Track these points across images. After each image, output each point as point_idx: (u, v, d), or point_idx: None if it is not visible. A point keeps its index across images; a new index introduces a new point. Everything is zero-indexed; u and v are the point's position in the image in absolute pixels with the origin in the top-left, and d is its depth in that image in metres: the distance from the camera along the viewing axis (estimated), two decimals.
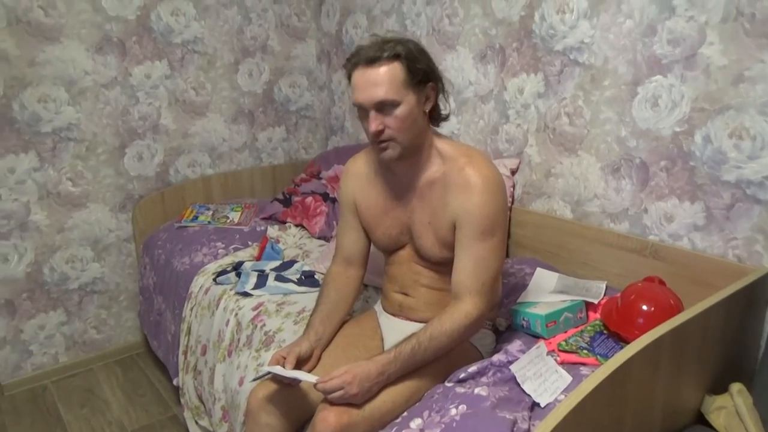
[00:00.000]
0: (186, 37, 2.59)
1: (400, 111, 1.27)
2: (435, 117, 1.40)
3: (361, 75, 1.27)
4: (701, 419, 1.30)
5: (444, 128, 1.45)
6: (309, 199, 2.44)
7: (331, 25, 2.90)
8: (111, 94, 2.44)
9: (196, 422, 1.97)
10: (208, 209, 2.56)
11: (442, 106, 1.40)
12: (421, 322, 1.39)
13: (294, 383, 1.32)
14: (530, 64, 1.96)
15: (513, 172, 2.04)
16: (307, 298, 1.78)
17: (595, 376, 0.99)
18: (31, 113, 2.26)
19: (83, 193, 2.44)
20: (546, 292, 1.65)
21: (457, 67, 2.22)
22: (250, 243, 2.29)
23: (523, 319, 1.49)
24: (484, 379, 1.25)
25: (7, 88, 2.20)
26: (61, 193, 2.39)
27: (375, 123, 1.27)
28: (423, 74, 1.29)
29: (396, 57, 1.25)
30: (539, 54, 1.92)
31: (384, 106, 1.26)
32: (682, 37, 1.55)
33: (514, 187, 2.05)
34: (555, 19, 1.85)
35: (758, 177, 1.45)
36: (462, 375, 1.27)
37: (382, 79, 1.24)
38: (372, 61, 1.25)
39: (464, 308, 1.30)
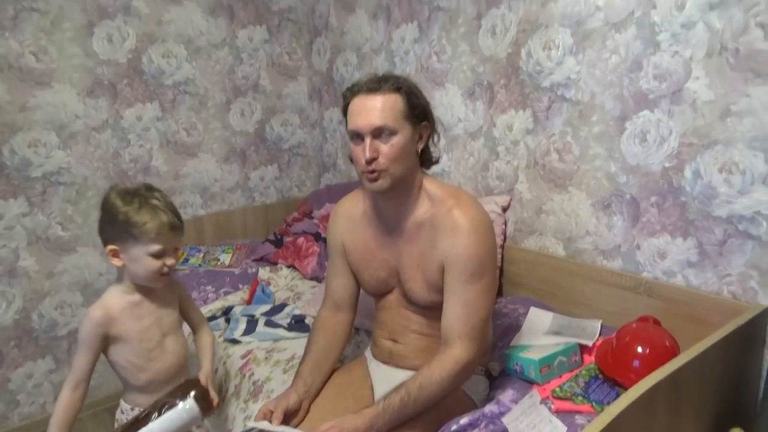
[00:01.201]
0: (177, 79, 2.61)
1: (396, 140, 1.26)
2: (426, 159, 1.39)
3: (361, 101, 1.28)
4: None
5: (435, 166, 1.45)
6: (301, 239, 2.42)
7: (322, 63, 2.92)
8: (102, 137, 2.44)
9: None
10: (199, 251, 2.53)
11: (433, 150, 1.40)
12: (411, 370, 1.35)
13: None
14: (518, 101, 1.96)
15: (504, 209, 2.02)
16: (297, 344, 1.74)
17: (589, 430, 0.95)
18: (21, 158, 2.26)
19: (73, 237, 2.42)
20: (540, 332, 1.62)
21: (446, 104, 2.22)
22: (240, 286, 2.26)
23: (516, 364, 1.45)
24: None
25: None
26: (50, 237, 2.37)
27: (370, 149, 1.25)
28: (421, 110, 1.31)
29: (398, 89, 1.28)
30: (527, 90, 1.92)
31: (381, 133, 1.26)
32: (668, 72, 1.55)
33: (505, 224, 2.03)
34: (541, 55, 1.86)
35: (750, 212, 1.42)
36: (453, 427, 1.22)
37: (383, 106, 1.25)
38: (373, 89, 1.27)
39: (454, 354, 1.26)
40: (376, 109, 1.25)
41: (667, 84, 1.55)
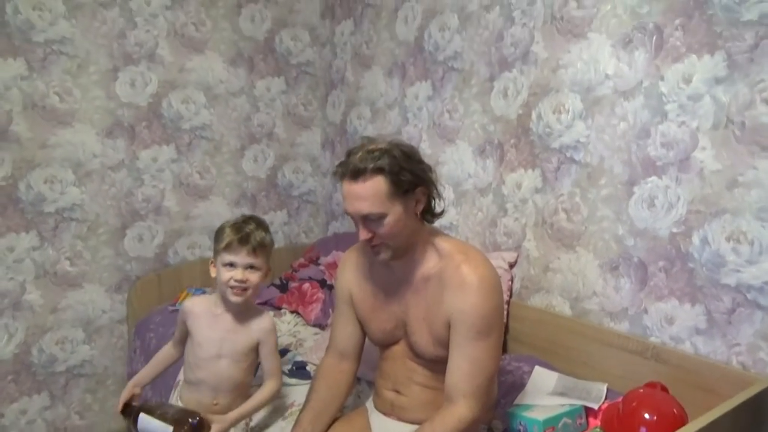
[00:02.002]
0: (195, 123, 2.68)
1: (387, 221, 1.27)
2: (429, 215, 1.40)
3: (348, 187, 1.28)
4: None
5: (443, 219, 1.46)
6: (306, 285, 2.42)
7: (336, 115, 3.00)
8: (117, 176, 2.49)
9: None
10: (204, 293, 2.53)
11: (435, 204, 1.41)
12: (413, 423, 1.34)
13: None
14: (528, 160, 2.00)
15: (511, 266, 2.03)
16: (298, 391, 1.71)
17: None
18: (36, 194, 2.30)
19: (80, 273, 2.43)
20: (544, 392, 1.60)
21: (457, 159, 2.27)
22: None
23: (520, 424, 1.42)
24: None
25: (15, 169, 2.25)
26: (58, 272, 2.38)
27: (363, 233, 1.29)
28: (408, 183, 1.28)
29: (380, 171, 1.24)
30: (536, 150, 1.97)
31: (370, 218, 1.27)
32: (675, 141, 1.59)
33: (512, 280, 2.03)
34: (551, 118, 1.91)
35: (758, 282, 1.43)
36: None
37: (366, 194, 1.25)
38: (356, 174, 1.25)
39: (458, 412, 1.25)
40: (360, 197, 1.26)
41: (675, 152, 1.59)
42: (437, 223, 1.46)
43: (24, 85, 2.24)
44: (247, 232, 1.50)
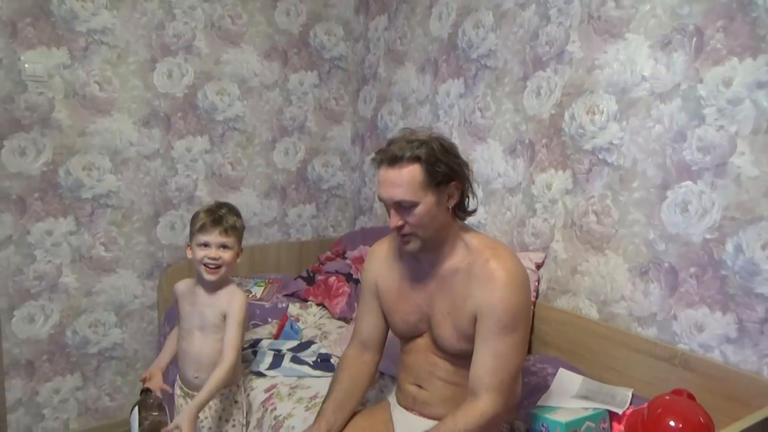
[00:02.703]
0: (228, 115, 2.72)
1: (418, 210, 1.29)
2: (461, 211, 1.41)
3: (384, 173, 1.31)
4: None
5: (471, 218, 1.46)
6: (332, 278, 2.44)
7: (368, 110, 3.01)
8: (152, 165, 2.55)
9: None
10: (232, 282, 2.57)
11: (468, 202, 1.41)
12: (435, 419, 1.34)
13: None
14: (559, 161, 1.98)
15: (538, 266, 2.02)
16: (321, 383, 1.74)
17: None
18: (74, 180, 2.37)
19: (114, 258, 2.50)
20: (569, 395, 1.59)
21: (487, 158, 2.26)
22: (269, 320, 2.29)
23: (543, 425, 1.42)
24: None
25: (56, 155, 2.32)
26: (93, 257, 2.45)
27: (394, 219, 1.31)
28: (443, 176, 1.31)
29: (416, 159, 1.28)
30: (568, 152, 1.95)
31: (402, 206, 1.29)
32: (712, 146, 1.56)
33: (539, 281, 2.02)
34: (585, 119, 1.89)
35: None
36: None
37: (401, 181, 1.28)
38: (394, 161, 1.29)
39: (480, 406, 1.25)
40: (395, 184, 1.29)
41: (711, 157, 1.56)
42: (466, 222, 1.46)
43: (66, 73, 2.31)
44: (219, 215, 1.65)
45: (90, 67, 2.36)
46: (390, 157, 1.30)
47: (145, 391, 1.59)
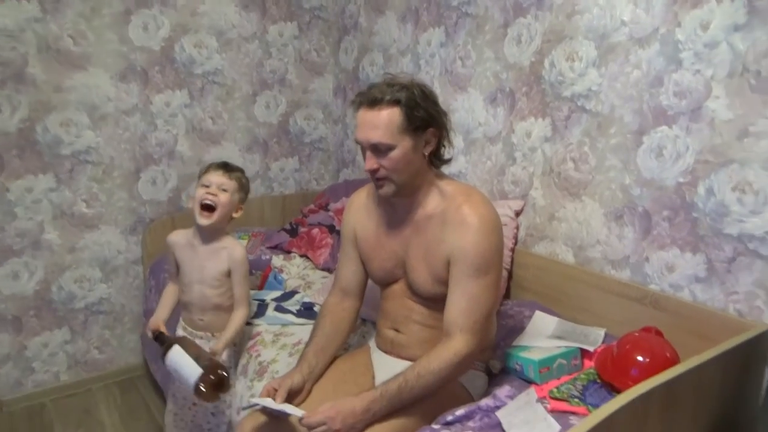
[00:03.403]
0: (207, 69, 2.68)
1: (394, 154, 1.30)
2: (436, 159, 1.42)
3: (362, 115, 1.32)
4: None
5: (452, 167, 1.48)
6: (315, 230, 2.46)
7: (349, 61, 2.97)
8: (131, 120, 2.52)
9: None
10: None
11: (444, 151, 1.42)
12: (412, 360, 1.38)
13: (282, 416, 1.32)
14: (538, 109, 1.99)
15: (517, 214, 2.05)
16: (305, 330, 1.77)
17: (579, 427, 0.97)
18: (53, 136, 2.34)
19: (96, 214, 2.50)
20: (543, 336, 1.64)
21: (468, 107, 2.26)
22: (253, 271, 2.31)
23: (516, 363, 1.47)
24: (470, 423, 1.23)
25: (32, 111, 2.28)
26: (75, 213, 2.44)
27: (370, 162, 1.33)
28: (422, 121, 1.32)
29: (396, 102, 1.29)
30: (548, 99, 1.95)
31: (379, 148, 1.30)
32: (688, 90, 1.56)
33: (517, 228, 2.05)
34: (564, 66, 1.88)
35: (761, 232, 1.43)
36: (449, 418, 1.25)
37: (380, 123, 1.29)
38: (373, 103, 1.30)
39: (454, 346, 1.29)
40: (373, 126, 1.30)
41: (687, 101, 1.57)
42: (447, 172, 1.47)
43: (38, 27, 2.24)
44: (227, 164, 1.74)
45: (62, 20, 2.29)
46: (369, 100, 1.30)
47: (162, 336, 1.61)
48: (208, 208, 1.65)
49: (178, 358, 1.47)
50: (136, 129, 2.54)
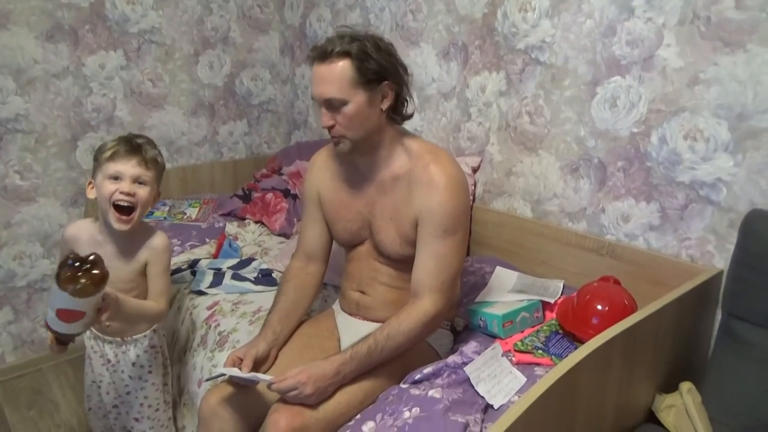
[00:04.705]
0: (143, 27, 2.51)
1: (347, 109, 1.26)
2: (396, 114, 1.37)
3: (315, 69, 1.28)
4: (652, 417, 1.32)
5: (407, 125, 1.44)
6: (269, 195, 2.39)
7: (295, 17, 2.84)
8: (62, 84, 2.34)
9: None
10: (165, 204, 2.48)
11: (406, 105, 1.38)
12: (377, 322, 1.37)
13: (250, 385, 1.29)
14: (492, 63, 1.95)
15: (474, 170, 2.04)
16: (264, 297, 1.74)
17: (547, 378, 0.99)
18: None
19: (32, 186, 2.34)
20: (505, 291, 1.65)
21: (421, 63, 2.20)
22: (207, 240, 2.24)
23: (480, 319, 1.48)
24: (438, 381, 1.24)
25: None
26: (8, 187, 2.28)
27: (325, 118, 1.29)
28: (375, 74, 1.26)
29: (346, 54, 1.24)
30: (501, 52, 1.92)
31: (332, 104, 1.26)
32: (640, 39, 1.56)
33: (475, 185, 2.05)
34: (517, 17, 1.85)
35: (711, 178, 1.47)
36: (417, 376, 1.26)
37: (331, 77, 1.24)
38: (324, 57, 1.25)
39: (423, 306, 1.29)
40: (324, 80, 1.25)
41: (639, 50, 1.57)
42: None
43: None
44: (137, 143, 1.37)
45: None
46: (320, 53, 1.25)
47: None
48: (125, 210, 1.34)
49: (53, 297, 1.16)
50: (68, 94, 2.37)
